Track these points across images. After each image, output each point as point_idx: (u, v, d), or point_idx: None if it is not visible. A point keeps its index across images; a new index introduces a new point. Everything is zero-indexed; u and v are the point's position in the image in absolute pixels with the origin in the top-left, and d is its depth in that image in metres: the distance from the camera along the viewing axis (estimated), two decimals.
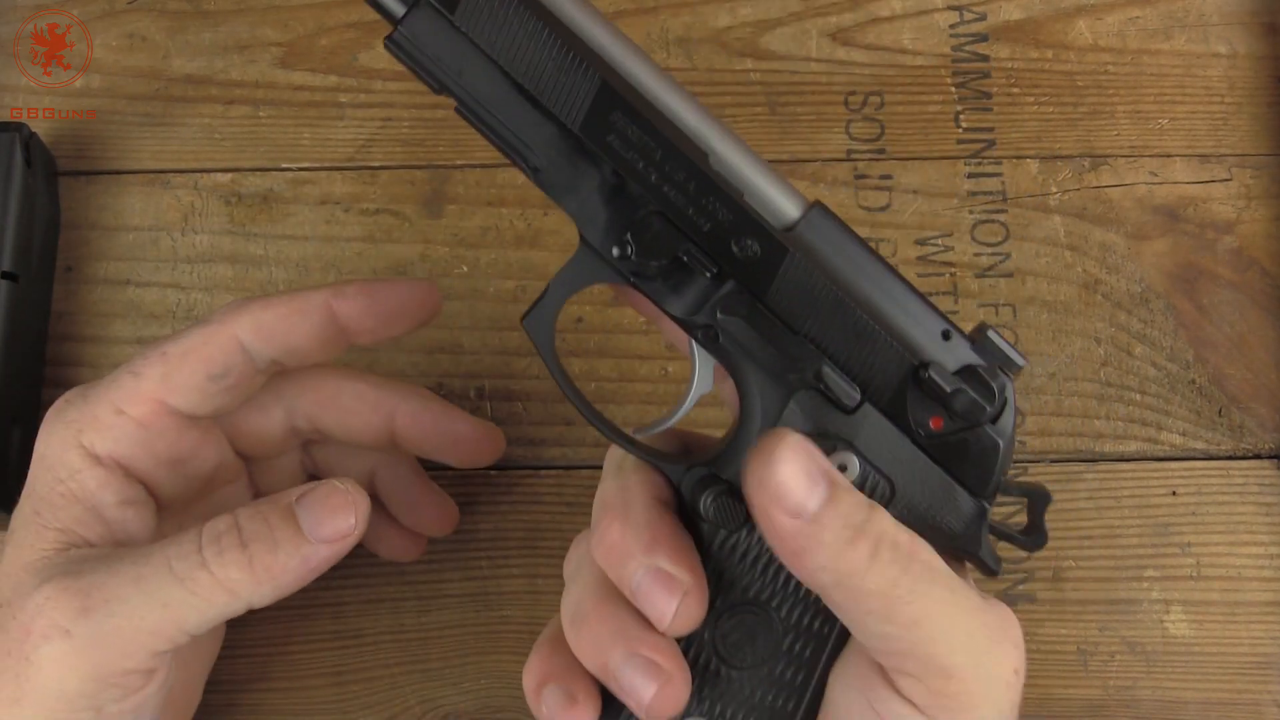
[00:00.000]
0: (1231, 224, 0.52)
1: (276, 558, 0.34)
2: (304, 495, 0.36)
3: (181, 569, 0.34)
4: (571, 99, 0.31)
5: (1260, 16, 0.54)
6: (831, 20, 0.55)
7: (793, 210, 0.33)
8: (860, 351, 0.32)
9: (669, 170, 0.32)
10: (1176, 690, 0.47)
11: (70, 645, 0.33)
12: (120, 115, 0.54)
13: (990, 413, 0.32)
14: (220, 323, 0.38)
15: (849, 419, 0.32)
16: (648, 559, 0.32)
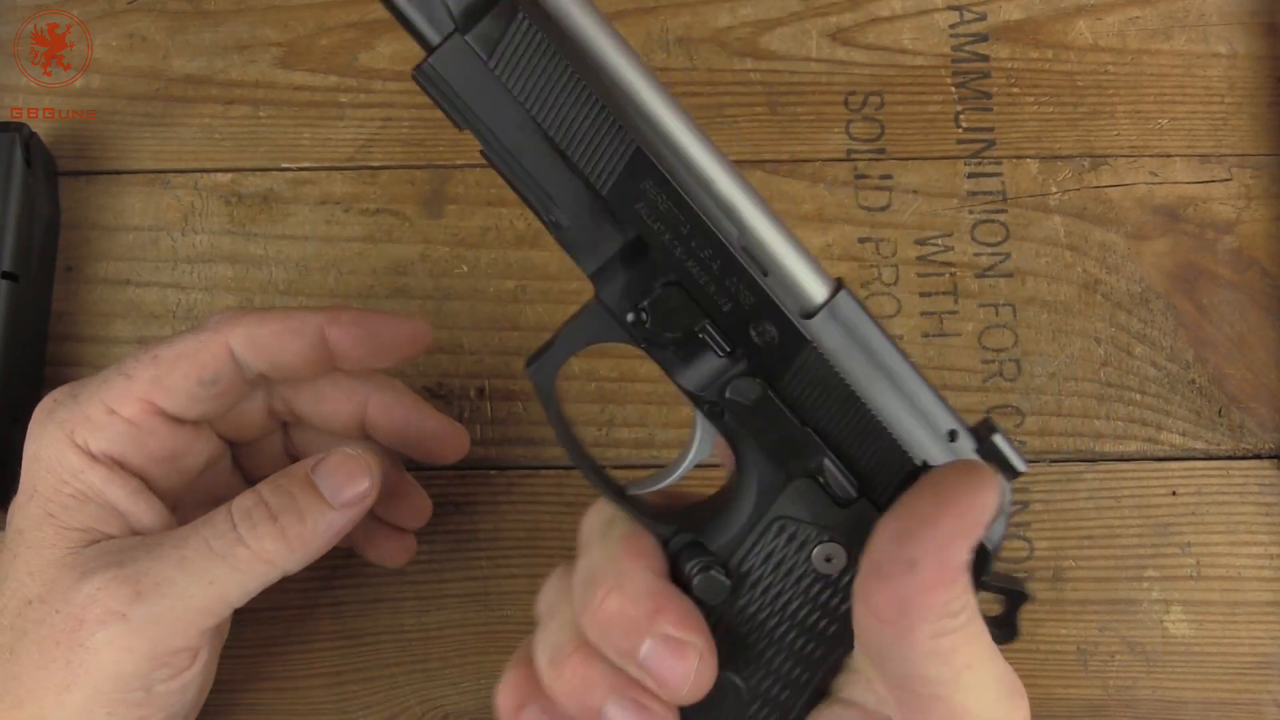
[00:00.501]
0: (1231, 224, 0.52)
1: (306, 525, 0.37)
2: (319, 464, 0.38)
3: (221, 546, 0.36)
4: (604, 160, 0.30)
5: (1260, 16, 0.54)
6: (831, 20, 0.55)
7: (818, 293, 0.31)
8: (864, 448, 0.32)
9: (695, 245, 0.30)
10: (1176, 690, 0.47)
11: (127, 628, 0.35)
12: (120, 115, 0.54)
13: None
14: (214, 330, 0.39)
15: (843, 512, 0.32)
16: (654, 627, 0.31)
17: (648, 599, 0.32)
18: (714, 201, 0.30)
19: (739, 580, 0.33)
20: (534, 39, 0.29)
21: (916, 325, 0.51)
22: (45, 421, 0.38)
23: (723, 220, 0.30)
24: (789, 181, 0.52)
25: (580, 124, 0.29)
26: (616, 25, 0.57)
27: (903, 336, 0.51)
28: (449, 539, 0.48)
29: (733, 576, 0.33)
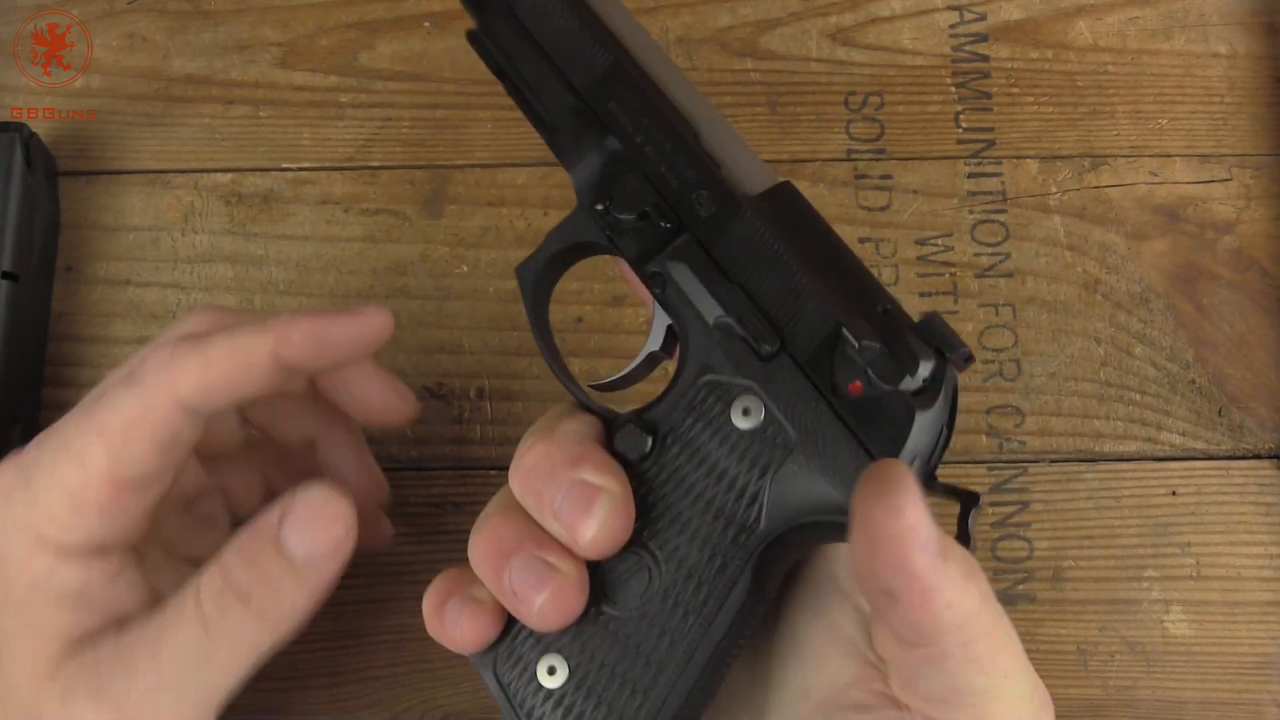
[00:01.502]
0: (1231, 224, 0.52)
1: (284, 600, 0.34)
2: (285, 517, 0.35)
3: (197, 647, 0.33)
4: (587, 71, 0.36)
5: (1260, 16, 0.54)
6: (831, 20, 0.55)
7: (764, 186, 0.35)
8: (788, 304, 0.32)
9: (655, 136, 0.35)
10: (1176, 690, 0.47)
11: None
12: (120, 115, 0.54)
13: (908, 378, 0.30)
14: (156, 385, 0.34)
15: (763, 366, 0.32)
16: (573, 473, 0.31)
17: (573, 447, 0.32)
18: (681, 110, 0.36)
19: (661, 438, 0.33)
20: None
21: None
22: (3, 520, 0.34)
23: (684, 122, 0.36)
24: None
25: (571, 46, 0.37)
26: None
27: None
28: (449, 539, 0.48)
29: (655, 435, 0.33)
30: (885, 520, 0.26)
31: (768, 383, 0.32)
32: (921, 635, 0.27)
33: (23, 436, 0.48)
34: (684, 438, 0.33)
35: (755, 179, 0.35)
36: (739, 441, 0.32)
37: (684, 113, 0.36)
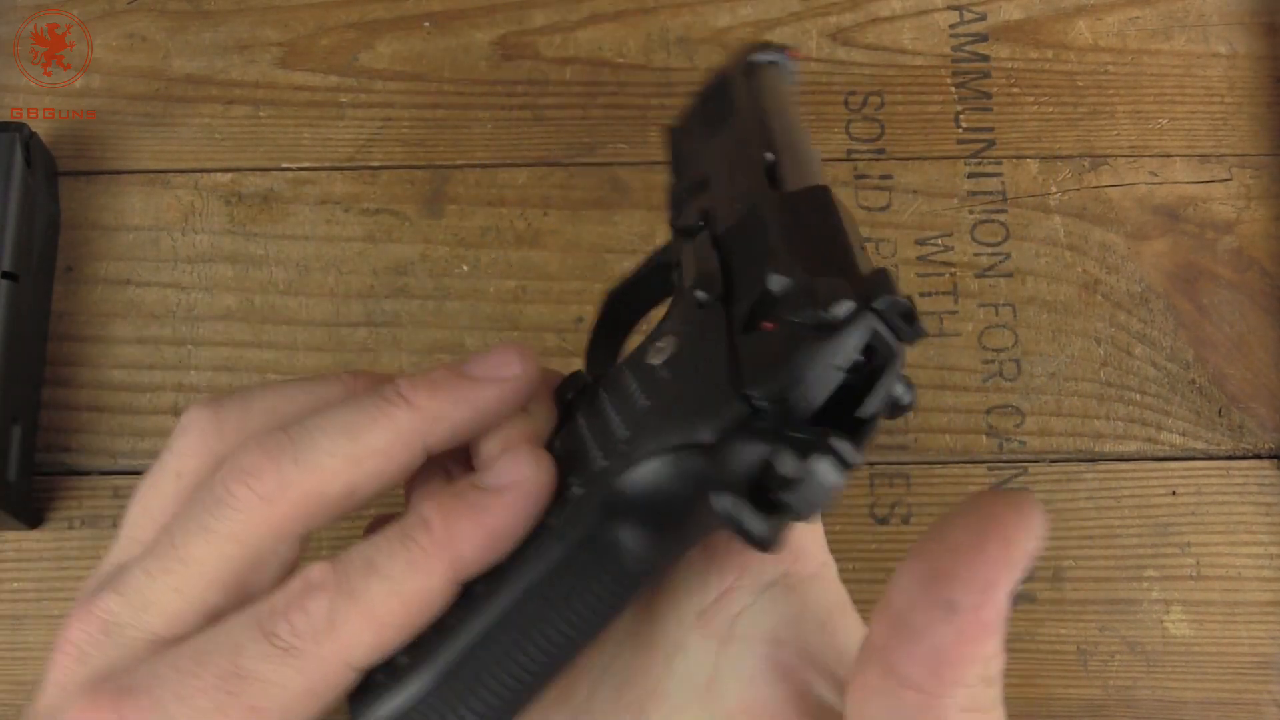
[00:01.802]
0: (1231, 224, 0.52)
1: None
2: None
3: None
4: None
5: (1260, 16, 0.54)
6: (831, 20, 0.55)
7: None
8: (754, 268, 0.28)
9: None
10: (1176, 690, 0.47)
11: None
12: (120, 115, 0.54)
13: (816, 312, 0.25)
14: (321, 659, 0.25)
15: (699, 311, 0.28)
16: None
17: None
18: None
19: (600, 379, 0.30)
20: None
21: None
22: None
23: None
24: None
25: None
26: (616, 25, 0.57)
27: None
28: None
29: (600, 380, 0.30)
30: (998, 525, 0.22)
31: (691, 324, 0.29)
32: (939, 674, 0.23)
33: (23, 436, 0.48)
34: (612, 379, 0.30)
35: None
36: (645, 376, 0.28)
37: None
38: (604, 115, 0.53)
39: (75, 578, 0.48)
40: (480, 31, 0.55)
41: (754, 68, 0.37)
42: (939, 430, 0.50)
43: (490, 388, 0.28)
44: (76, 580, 0.48)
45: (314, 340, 0.51)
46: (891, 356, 0.25)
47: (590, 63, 0.54)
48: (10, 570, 0.48)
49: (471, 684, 0.26)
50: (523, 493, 0.26)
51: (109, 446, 0.50)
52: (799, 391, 0.24)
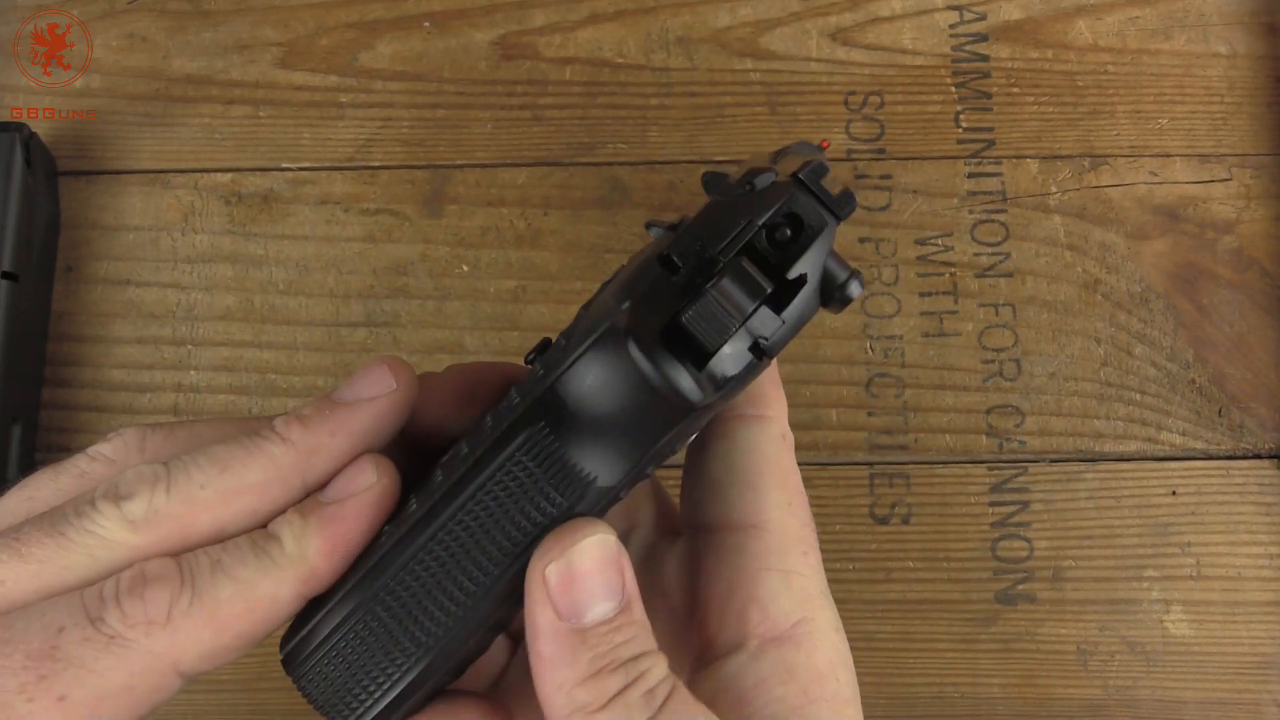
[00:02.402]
0: (1231, 224, 0.52)
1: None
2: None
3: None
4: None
5: (1260, 16, 0.54)
6: (831, 20, 0.55)
7: None
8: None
9: None
10: (1176, 690, 0.47)
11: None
12: (120, 115, 0.54)
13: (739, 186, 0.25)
14: (149, 654, 0.24)
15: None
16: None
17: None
18: None
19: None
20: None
21: (916, 325, 0.51)
22: None
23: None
24: None
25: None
26: (616, 25, 0.57)
27: (903, 336, 0.51)
28: None
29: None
30: (541, 575, 0.25)
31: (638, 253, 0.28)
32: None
33: (22, 436, 0.48)
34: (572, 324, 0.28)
35: None
36: (590, 302, 0.27)
37: None
38: (604, 115, 0.53)
39: None
40: (480, 31, 0.55)
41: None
42: (939, 430, 0.50)
43: (364, 411, 0.27)
44: None
45: (314, 340, 0.51)
46: (821, 225, 0.25)
47: (590, 63, 0.54)
48: None
49: (404, 604, 0.25)
50: (366, 501, 0.26)
51: None
52: (714, 244, 0.25)
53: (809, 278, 0.25)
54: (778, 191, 0.25)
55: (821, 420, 0.50)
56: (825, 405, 0.50)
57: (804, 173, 0.25)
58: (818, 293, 0.25)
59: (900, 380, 0.50)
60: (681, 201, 0.52)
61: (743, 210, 0.25)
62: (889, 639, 0.48)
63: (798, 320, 0.25)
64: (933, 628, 0.48)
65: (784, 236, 0.25)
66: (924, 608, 0.48)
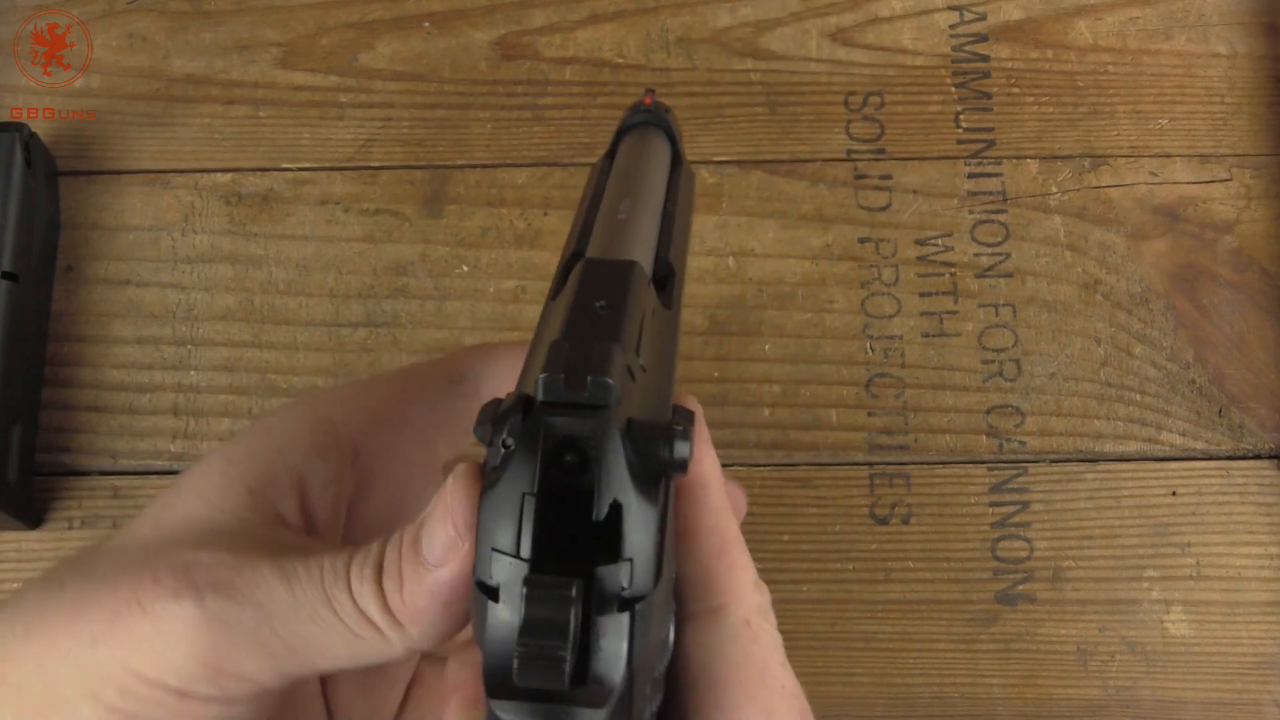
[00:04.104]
0: (1231, 224, 0.52)
1: (404, 593, 0.27)
2: (425, 521, 0.27)
3: (331, 581, 0.27)
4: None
5: (1260, 16, 0.54)
6: (831, 20, 0.55)
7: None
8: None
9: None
10: (1176, 690, 0.47)
11: (200, 613, 0.27)
12: (120, 115, 0.54)
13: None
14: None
15: None
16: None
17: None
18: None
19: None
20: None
21: (916, 325, 0.51)
22: None
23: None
24: (789, 181, 0.52)
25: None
26: (616, 25, 0.57)
27: (903, 336, 0.51)
28: None
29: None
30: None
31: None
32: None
33: (22, 435, 0.48)
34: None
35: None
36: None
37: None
38: (604, 115, 0.53)
39: None
40: (480, 31, 0.55)
41: (623, 132, 0.35)
42: (939, 430, 0.50)
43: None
44: None
45: (314, 340, 0.51)
46: (602, 436, 0.20)
47: (590, 63, 0.54)
48: (10, 570, 0.48)
49: None
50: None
51: (109, 447, 0.50)
52: (503, 540, 0.21)
53: (623, 497, 0.20)
54: (528, 435, 0.20)
55: (821, 420, 0.50)
56: (825, 405, 0.50)
57: (544, 391, 0.20)
58: (647, 492, 0.21)
59: (900, 380, 0.50)
60: None
61: (512, 484, 0.21)
62: (889, 639, 0.48)
63: (647, 541, 0.21)
64: (933, 628, 0.48)
65: (572, 461, 0.21)
66: (924, 608, 0.48)
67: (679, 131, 0.35)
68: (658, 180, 0.33)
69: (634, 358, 0.23)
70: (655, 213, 0.31)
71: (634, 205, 0.30)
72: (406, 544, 0.26)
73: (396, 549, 0.27)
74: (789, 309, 0.51)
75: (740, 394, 0.50)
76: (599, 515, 0.20)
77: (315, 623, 0.27)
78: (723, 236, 0.52)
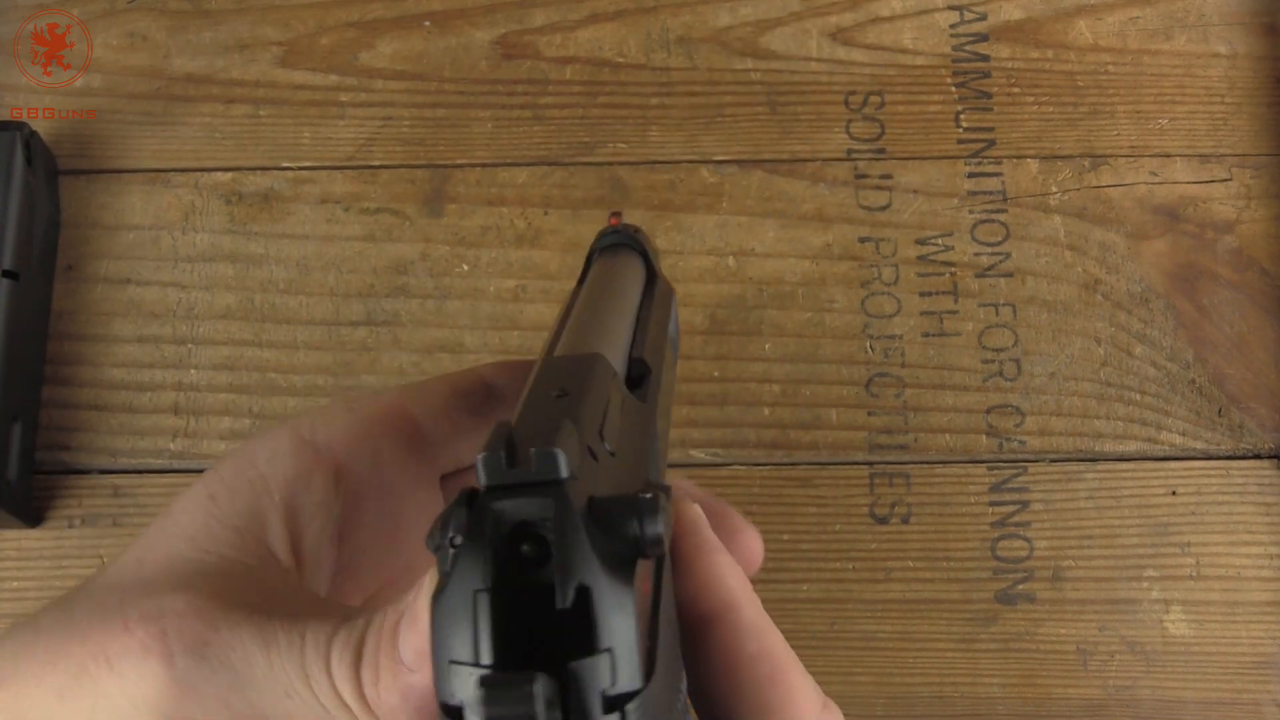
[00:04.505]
0: (1231, 224, 0.52)
1: (379, 689, 0.25)
2: (406, 615, 0.26)
3: (311, 657, 0.25)
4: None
5: (1260, 16, 0.54)
6: (832, 20, 0.55)
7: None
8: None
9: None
10: (1176, 690, 0.47)
11: (168, 673, 0.26)
12: (121, 114, 0.54)
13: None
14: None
15: None
16: None
17: None
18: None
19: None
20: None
21: (916, 325, 0.51)
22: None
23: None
24: (789, 181, 0.52)
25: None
26: (617, 24, 0.57)
27: (903, 336, 0.51)
28: None
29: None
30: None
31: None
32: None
33: (23, 434, 0.48)
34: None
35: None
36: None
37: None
38: (604, 115, 0.53)
39: (75, 576, 0.48)
40: (480, 31, 0.55)
41: (592, 256, 0.35)
42: (939, 430, 0.50)
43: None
44: (76, 579, 0.48)
45: (314, 339, 0.51)
46: (564, 527, 0.18)
47: (590, 62, 0.54)
48: (10, 569, 0.48)
49: None
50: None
51: (109, 445, 0.50)
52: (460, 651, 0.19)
53: (590, 579, 0.18)
54: (474, 525, 0.18)
55: (821, 420, 0.50)
56: (825, 405, 0.50)
57: (485, 474, 0.18)
58: (620, 574, 0.18)
59: (900, 380, 0.50)
60: (681, 201, 0.52)
61: (462, 582, 0.18)
62: (889, 639, 0.48)
63: (627, 627, 0.18)
64: (933, 627, 0.48)
65: (530, 552, 0.19)
66: (924, 607, 0.48)
67: (653, 248, 0.34)
68: (628, 288, 0.32)
69: (596, 440, 0.21)
70: (626, 316, 0.29)
71: (602, 309, 0.29)
72: (385, 636, 0.25)
73: (377, 637, 0.25)
74: (789, 308, 0.51)
75: (740, 393, 0.50)
76: (565, 603, 0.18)
77: (290, 697, 0.26)
78: (723, 236, 0.52)
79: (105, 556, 0.48)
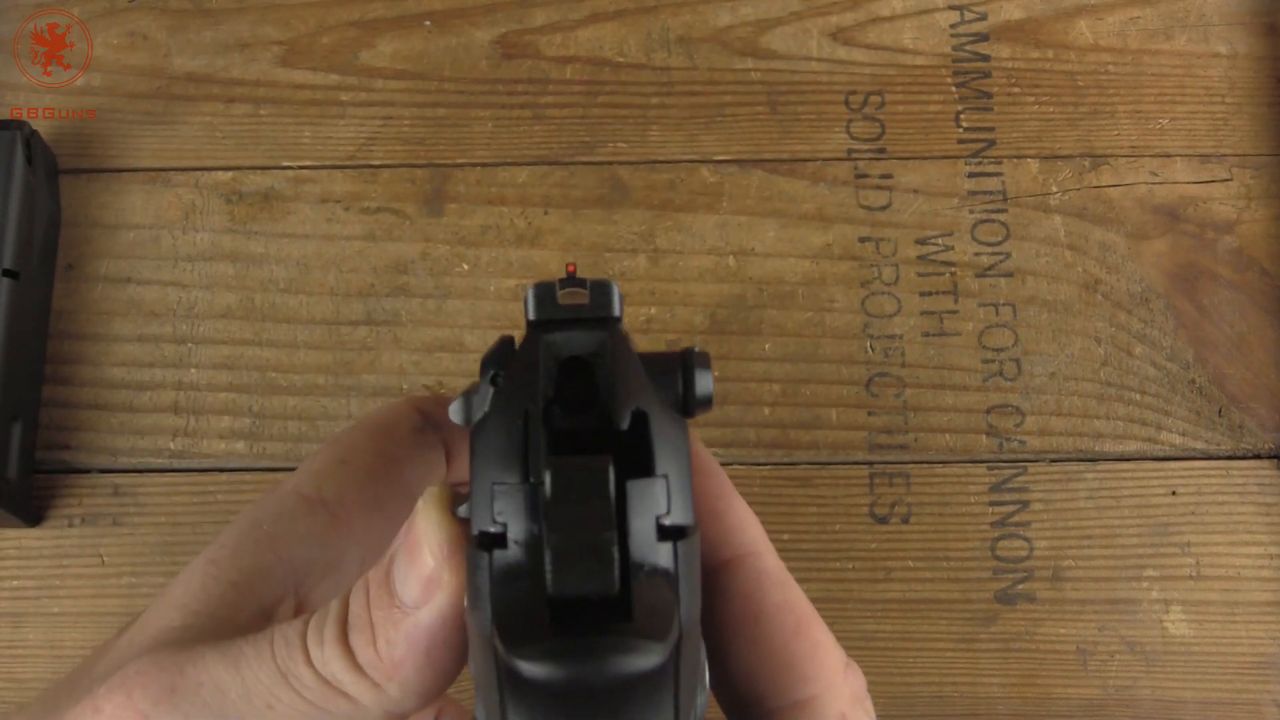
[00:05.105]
0: (1231, 224, 0.52)
1: (380, 646, 0.24)
2: (394, 559, 0.24)
3: (285, 659, 0.24)
4: None
5: (1260, 16, 0.54)
6: (832, 20, 0.55)
7: None
8: None
9: None
10: (1176, 690, 0.47)
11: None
12: (121, 114, 0.54)
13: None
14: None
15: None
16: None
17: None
18: None
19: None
20: None
21: (916, 325, 0.51)
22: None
23: None
24: (789, 181, 0.53)
25: None
26: (617, 24, 0.57)
27: (903, 336, 0.51)
28: None
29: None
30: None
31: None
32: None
33: (22, 434, 0.48)
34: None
35: None
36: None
37: None
38: (604, 114, 0.53)
39: (75, 576, 0.48)
40: (481, 30, 0.55)
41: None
42: (939, 430, 0.50)
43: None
44: (76, 578, 0.48)
45: (314, 339, 0.51)
46: (604, 332, 0.17)
47: (590, 62, 0.54)
48: (10, 568, 0.48)
49: None
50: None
51: (109, 444, 0.50)
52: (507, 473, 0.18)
53: (647, 406, 0.17)
54: (523, 355, 0.17)
55: (821, 420, 0.50)
56: (825, 405, 0.50)
57: (534, 308, 0.17)
58: (674, 411, 0.17)
59: (900, 380, 0.50)
60: (681, 201, 0.52)
61: (509, 405, 0.17)
62: (889, 638, 0.48)
63: (681, 466, 0.17)
64: (932, 627, 0.48)
65: (578, 390, 0.17)
66: (924, 607, 0.48)
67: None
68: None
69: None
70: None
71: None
72: (375, 589, 0.24)
73: (363, 596, 0.24)
74: (789, 308, 0.51)
75: (740, 393, 0.50)
76: (621, 424, 0.17)
77: (272, 708, 0.24)
78: (723, 236, 0.52)
79: (105, 556, 0.49)
